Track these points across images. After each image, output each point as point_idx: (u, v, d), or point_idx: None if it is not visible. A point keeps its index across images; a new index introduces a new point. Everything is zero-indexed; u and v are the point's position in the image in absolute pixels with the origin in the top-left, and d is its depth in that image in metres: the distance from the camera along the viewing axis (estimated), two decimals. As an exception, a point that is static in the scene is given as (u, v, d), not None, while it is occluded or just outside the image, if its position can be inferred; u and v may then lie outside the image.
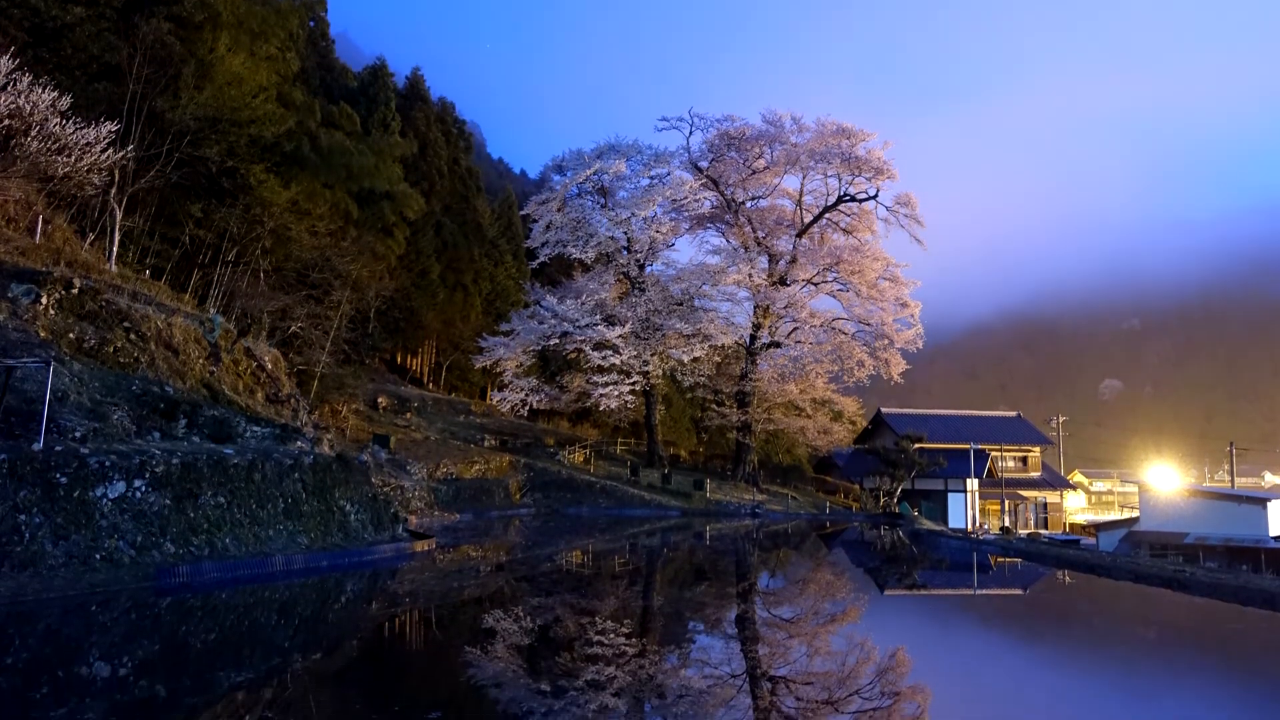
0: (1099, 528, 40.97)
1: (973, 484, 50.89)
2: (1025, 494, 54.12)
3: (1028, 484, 54.86)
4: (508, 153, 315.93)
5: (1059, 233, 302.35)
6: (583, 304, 43.71)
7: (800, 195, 48.47)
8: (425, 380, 61.98)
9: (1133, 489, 52.86)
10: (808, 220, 48.14)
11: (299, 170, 35.34)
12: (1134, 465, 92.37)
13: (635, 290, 45.50)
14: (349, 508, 18.30)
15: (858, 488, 51.42)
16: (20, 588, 10.85)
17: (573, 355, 45.71)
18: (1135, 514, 40.02)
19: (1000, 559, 25.29)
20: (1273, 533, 31.64)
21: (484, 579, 16.77)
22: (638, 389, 44.11)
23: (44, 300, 17.62)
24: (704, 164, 47.04)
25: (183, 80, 28.76)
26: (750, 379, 46.15)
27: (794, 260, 46.24)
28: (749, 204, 49.20)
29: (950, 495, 51.47)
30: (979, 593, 18.92)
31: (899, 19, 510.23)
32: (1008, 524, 48.39)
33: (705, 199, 47.67)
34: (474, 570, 18.30)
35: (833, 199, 47.54)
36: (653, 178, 45.68)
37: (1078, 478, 77.03)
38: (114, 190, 25.52)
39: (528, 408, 46.07)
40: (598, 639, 10.59)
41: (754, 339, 46.73)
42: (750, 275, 45.14)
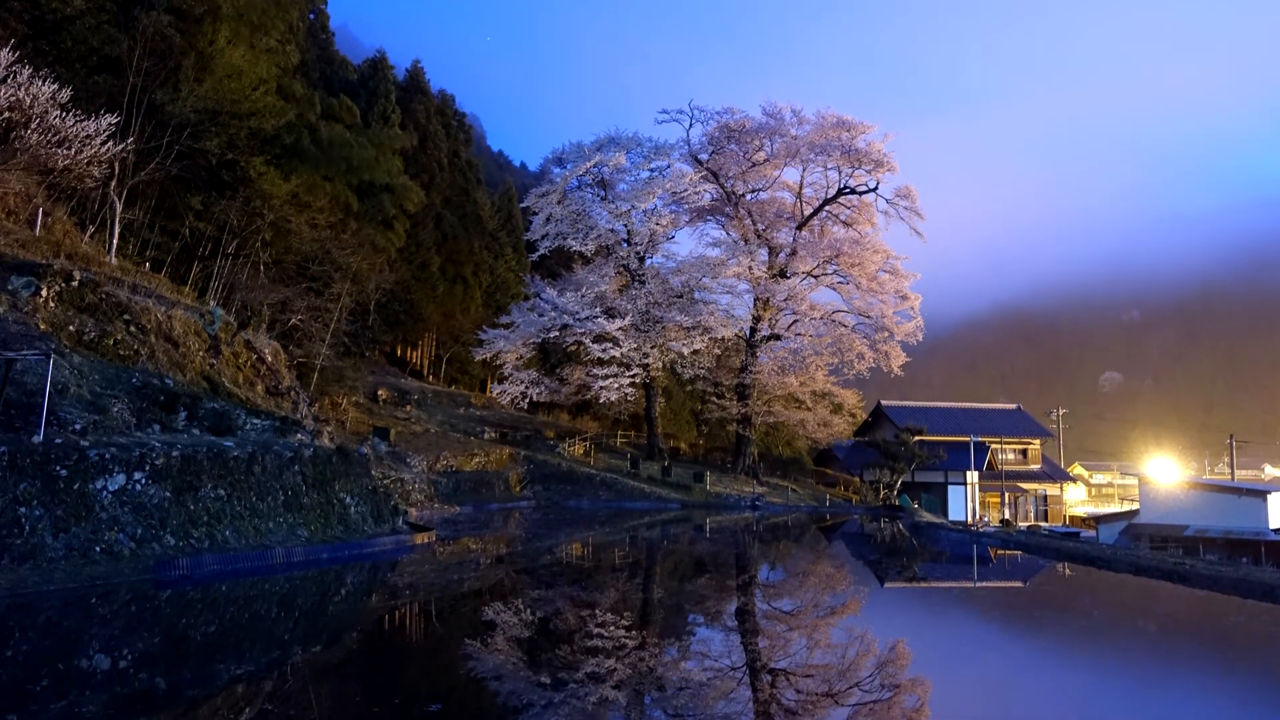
0: (1099, 520, 41.00)
1: (973, 476, 51.00)
2: (1025, 486, 54.20)
3: (1028, 476, 54.93)
4: (508, 145, 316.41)
5: (1058, 226, 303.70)
6: (583, 296, 43.68)
7: (800, 188, 48.43)
8: (425, 373, 62.00)
9: (1133, 481, 52.95)
10: (808, 213, 48.08)
11: (299, 163, 35.29)
12: (1134, 458, 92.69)
13: (635, 283, 45.46)
14: (349, 500, 18.31)
15: (858, 480, 51.45)
16: (20, 580, 10.86)
17: (573, 348, 45.70)
18: (1135, 507, 40.06)
19: (1000, 551, 25.28)
20: (1273, 525, 31.67)
21: (484, 571, 16.78)
22: (638, 381, 44.10)
23: (44, 293, 17.60)
24: (704, 157, 46.95)
25: (183, 73, 28.73)
26: (750, 372, 46.12)
27: (794, 253, 46.16)
28: (749, 196, 49.10)
29: (950, 488, 51.59)
30: (979, 585, 18.92)
31: (899, 18, 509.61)
32: (1008, 516, 48.49)
33: (705, 192, 47.55)
34: (474, 563, 18.30)
35: (833, 191, 47.47)
36: (653, 170, 45.70)
37: (1078, 470, 77.08)
38: (114, 183, 25.51)
39: (528, 400, 46.12)
40: (598, 632, 10.60)
41: (754, 331, 46.69)
42: (750, 268, 45.10)
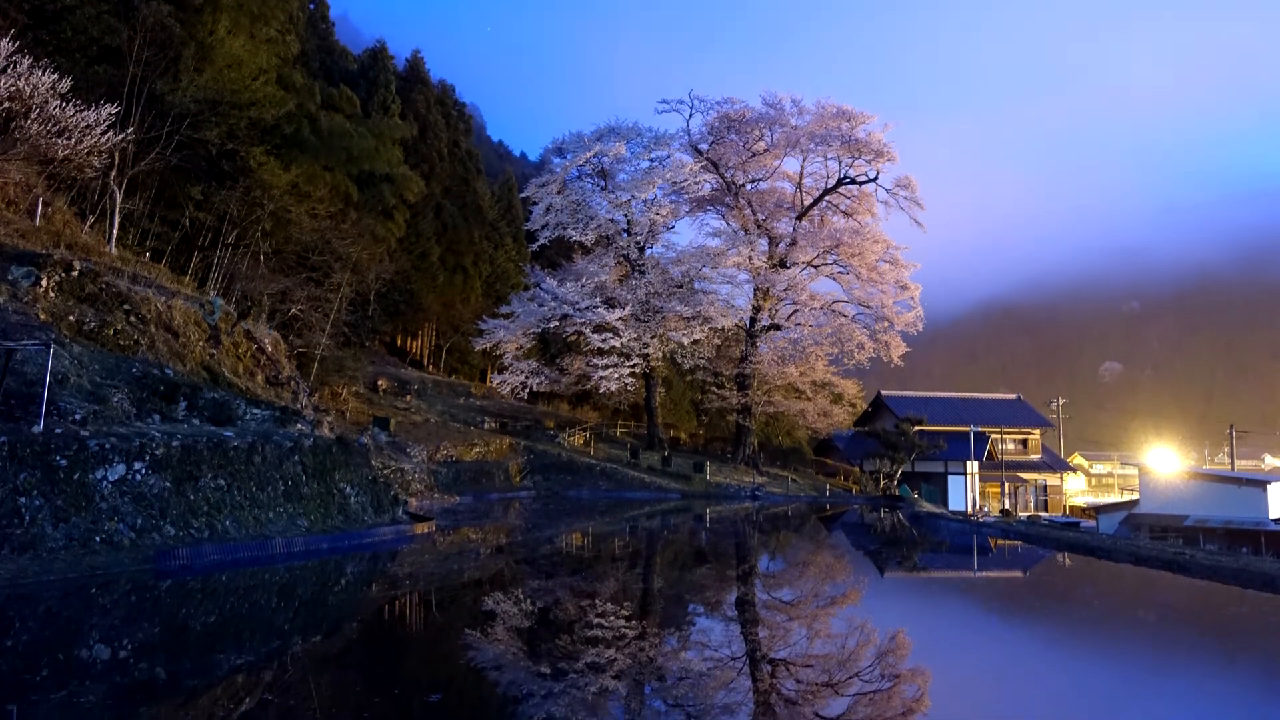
0: (1099, 510, 41.09)
1: (973, 466, 51.00)
2: (1025, 476, 54.23)
3: (1028, 466, 54.97)
4: (508, 135, 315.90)
5: (1058, 217, 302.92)
6: (583, 286, 43.65)
7: (800, 178, 48.34)
8: (425, 363, 61.99)
9: (1133, 471, 52.93)
10: (808, 203, 48.00)
11: (299, 153, 35.20)
12: (1134, 448, 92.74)
13: (635, 273, 45.42)
14: (349, 490, 18.33)
15: (858, 470, 51.49)
16: (20, 570, 10.87)
17: (573, 338, 45.71)
18: (1135, 496, 40.10)
19: (1000, 541, 25.32)
20: (1273, 515, 31.72)
21: (484, 561, 16.80)
22: (638, 371, 44.10)
23: (44, 283, 17.58)
24: (704, 146, 46.84)
25: (183, 63, 28.64)
26: (750, 361, 46.12)
27: (794, 243, 46.10)
28: (749, 186, 49.04)
29: (950, 478, 51.60)
30: (979, 575, 18.96)
31: (899, 17, 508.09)
32: (1008, 506, 48.57)
33: (705, 181, 47.48)
34: (474, 552, 18.33)
35: (833, 181, 47.38)
36: (653, 160, 45.58)
37: (1078, 460, 77.23)
38: (114, 173, 25.45)
39: (528, 390, 46.12)
40: (598, 621, 10.62)
41: (754, 321, 46.66)
42: (750, 258, 45.06)
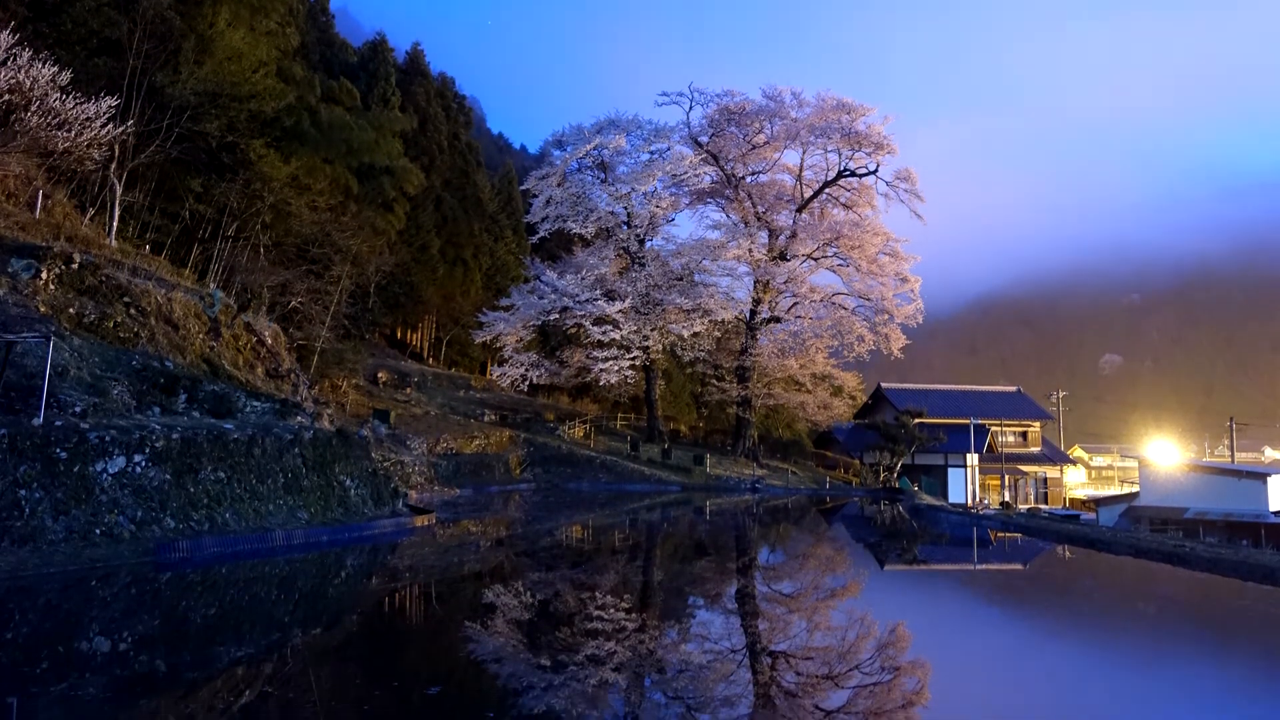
0: (1099, 503, 41.03)
1: (973, 459, 51.03)
2: (1025, 469, 54.24)
3: (1028, 459, 54.97)
4: (508, 128, 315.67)
5: (1057, 210, 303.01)
6: (583, 279, 43.62)
7: (800, 170, 48.29)
8: (425, 355, 62.01)
9: (1133, 464, 53.01)
10: (808, 195, 47.96)
11: (299, 145, 35.13)
12: (1134, 440, 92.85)
13: (635, 265, 45.38)
14: (349, 483, 18.33)
15: (858, 463, 51.53)
16: (20, 563, 10.88)
17: (573, 330, 45.69)
18: (1135, 489, 40.08)
19: (1000, 534, 25.34)
20: (1273, 508, 31.67)
21: (484, 554, 16.81)
22: (638, 364, 44.11)
23: (44, 275, 17.56)
24: (704, 139, 46.78)
25: (183, 55, 28.57)
26: (750, 354, 46.12)
27: (794, 235, 46.06)
28: (749, 179, 48.98)
29: (950, 470, 51.65)
30: (979, 568, 18.96)
31: (900, 19, 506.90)
32: (1008, 499, 48.53)
33: (705, 174, 47.43)
34: (474, 545, 18.34)
35: (833, 174, 47.36)
36: (653, 153, 45.55)
37: (1078, 453, 77.21)
38: (114, 165, 25.42)
39: (528, 383, 46.16)
40: (598, 614, 10.62)
41: (754, 314, 46.65)
42: (750, 250, 45.01)
